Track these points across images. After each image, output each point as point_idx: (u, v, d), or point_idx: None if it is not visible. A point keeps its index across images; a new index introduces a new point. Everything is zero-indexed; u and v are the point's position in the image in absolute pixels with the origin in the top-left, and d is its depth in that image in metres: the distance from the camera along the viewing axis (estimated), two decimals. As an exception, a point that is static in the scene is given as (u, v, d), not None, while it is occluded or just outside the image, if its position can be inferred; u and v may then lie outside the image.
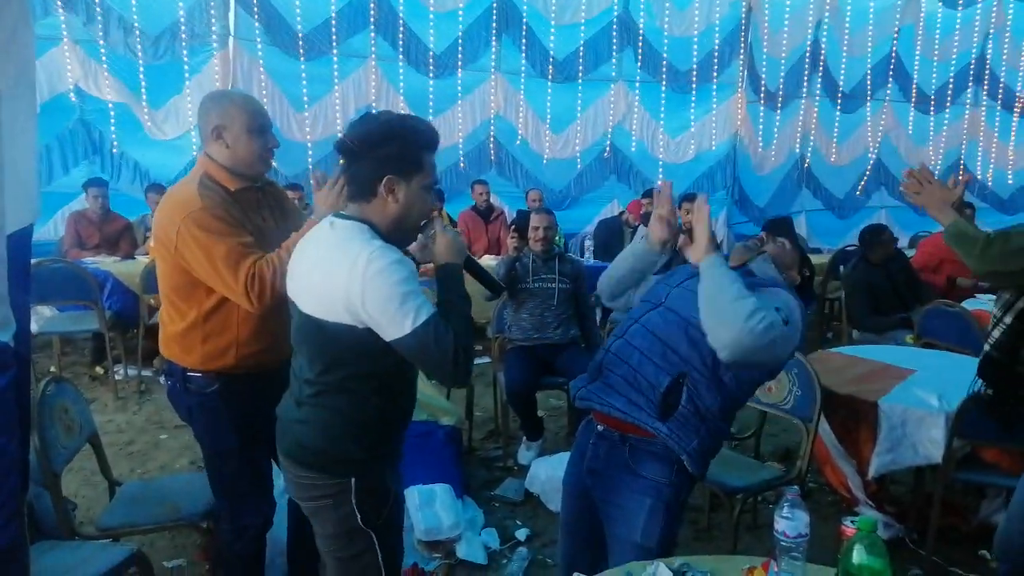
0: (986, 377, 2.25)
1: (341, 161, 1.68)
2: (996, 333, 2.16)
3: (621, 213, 7.06)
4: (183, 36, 6.48)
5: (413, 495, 3.07)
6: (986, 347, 2.20)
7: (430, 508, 3.03)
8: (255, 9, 6.63)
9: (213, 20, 6.53)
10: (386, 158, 1.59)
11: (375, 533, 1.69)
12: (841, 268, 5.77)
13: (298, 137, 6.95)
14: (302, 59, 6.87)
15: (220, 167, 2.06)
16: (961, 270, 5.15)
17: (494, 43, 7.54)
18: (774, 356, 1.71)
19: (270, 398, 2.08)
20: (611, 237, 6.71)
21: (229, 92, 2.20)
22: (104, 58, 6.32)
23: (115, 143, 6.50)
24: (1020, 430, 2.38)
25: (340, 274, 1.53)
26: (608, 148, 8.16)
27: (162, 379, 5.22)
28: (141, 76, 6.45)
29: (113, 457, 3.75)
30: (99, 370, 5.29)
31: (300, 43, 6.83)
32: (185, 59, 6.53)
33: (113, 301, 5.12)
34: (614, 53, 7.91)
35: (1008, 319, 2.12)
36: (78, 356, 5.69)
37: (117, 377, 5.06)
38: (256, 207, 2.13)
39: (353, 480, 1.65)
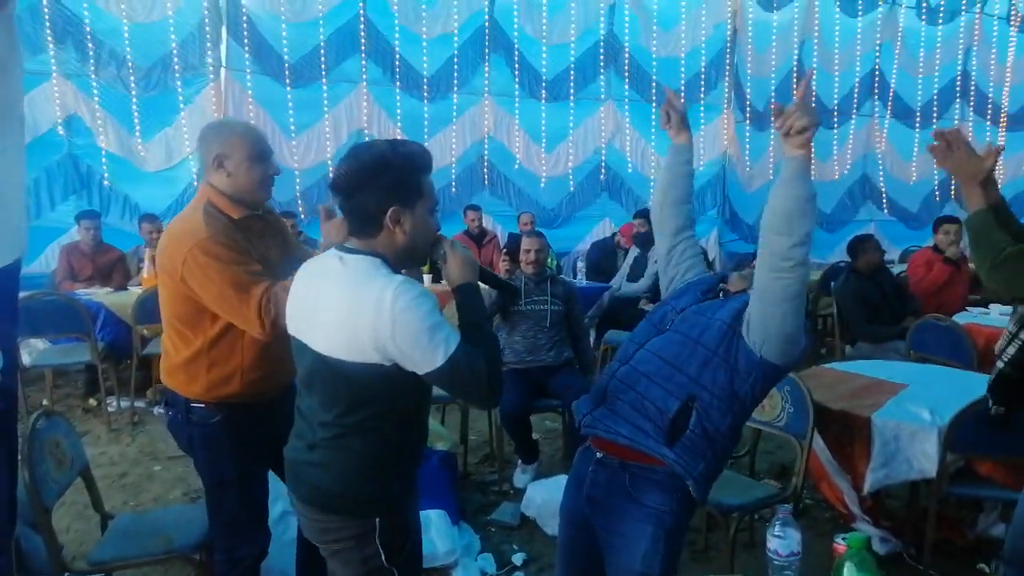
0: (998, 395, 2.14)
1: (337, 199, 1.64)
2: (1011, 350, 2.06)
3: (614, 234, 7.09)
4: (176, 68, 6.53)
5: (408, 522, 3.05)
6: (999, 364, 2.09)
7: (425, 535, 3.00)
8: (245, 38, 6.70)
9: (209, 50, 6.59)
10: (387, 189, 1.56)
11: (398, 570, 1.66)
12: (832, 284, 5.80)
13: (288, 164, 6.99)
14: (288, 87, 6.91)
15: (222, 195, 2.07)
16: (954, 288, 5.20)
17: (486, 66, 7.62)
18: (790, 330, 1.70)
19: (270, 426, 2.08)
20: (604, 259, 6.74)
21: (229, 121, 2.23)
22: (95, 92, 6.37)
23: (106, 176, 6.51)
24: (1014, 442, 2.38)
25: (365, 312, 1.49)
26: (602, 166, 8.21)
27: (156, 410, 5.21)
28: (134, 108, 6.48)
29: (106, 490, 3.74)
30: (92, 402, 5.26)
31: (287, 71, 6.88)
32: (179, 90, 6.57)
33: (106, 333, 5.10)
34: (601, 72, 7.99)
35: (1017, 330, 2.04)
36: (71, 388, 5.67)
37: (110, 409, 5.04)
38: (260, 235, 2.15)
39: (378, 520, 1.62)
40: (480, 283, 1.73)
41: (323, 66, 7.03)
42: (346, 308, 1.52)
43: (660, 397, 1.78)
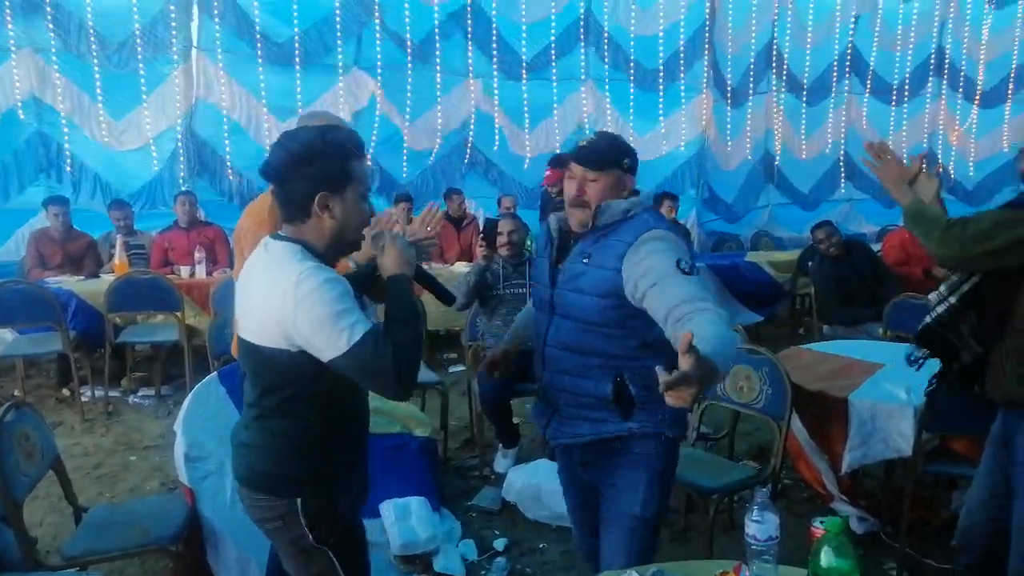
0: (921, 343, 2.28)
1: (270, 187, 1.67)
2: (940, 309, 2.19)
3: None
4: (138, 46, 6.34)
5: (388, 509, 3.04)
6: (927, 319, 2.22)
7: (405, 522, 3.00)
8: (216, 19, 6.54)
9: (174, 32, 6.43)
10: (315, 176, 1.58)
11: (332, 551, 1.70)
12: (809, 263, 5.83)
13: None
14: (260, 68, 6.76)
15: None
16: (930, 261, 5.23)
17: (470, 47, 7.52)
18: None
19: None
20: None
21: (316, 114, 2.30)
22: (56, 65, 6.15)
23: (68, 156, 6.32)
24: (983, 416, 2.40)
25: (273, 297, 1.53)
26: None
27: (131, 399, 5.15)
28: (97, 84, 6.30)
29: (81, 481, 3.70)
30: (65, 392, 5.18)
31: (259, 52, 6.72)
32: (141, 72, 6.39)
33: (78, 321, 5.00)
34: (582, 52, 7.90)
35: (953, 299, 2.15)
36: (43, 379, 5.57)
37: (84, 399, 4.95)
38: None
39: (300, 500, 1.65)
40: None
41: (297, 48, 6.86)
42: (259, 294, 1.59)
43: (591, 387, 1.89)
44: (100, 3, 6.23)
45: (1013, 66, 9.92)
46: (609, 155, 1.91)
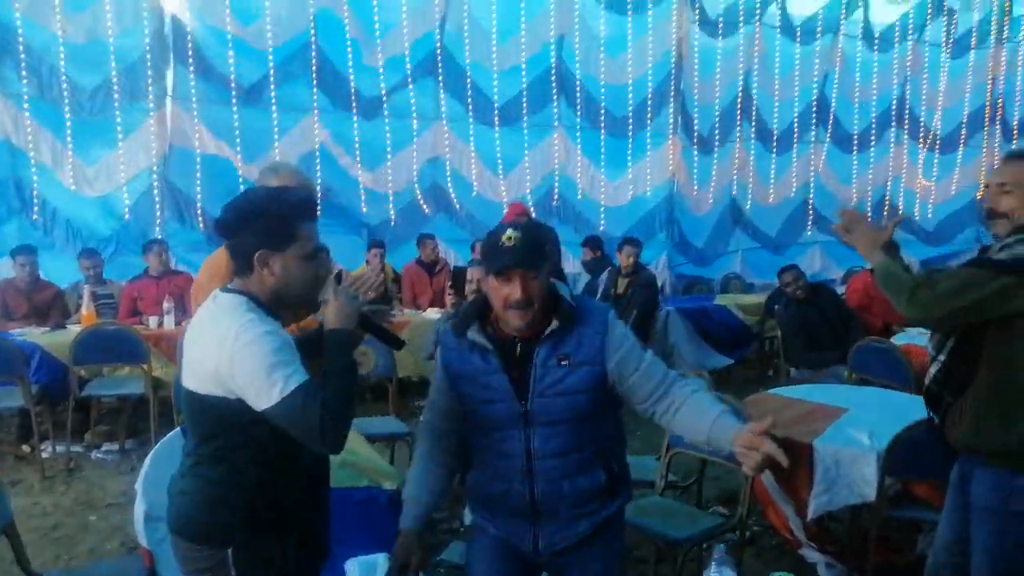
0: (933, 408, 2.28)
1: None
2: (933, 370, 2.23)
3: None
4: (116, 93, 6.36)
5: (353, 568, 2.97)
6: (927, 382, 2.26)
7: (371, 579, 2.94)
8: (191, 67, 6.59)
9: (150, 80, 6.47)
10: (256, 233, 1.65)
11: None
12: (776, 306, 5.92)
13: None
14: (236, 110, 6.81)
15: None
16: (890, 308, 5.33)
17: (441, 92, 7.63)
18: None
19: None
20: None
21: (276, 165, 2.36)
22: (27, 108, 6.16)
23: (36, 199, 6.28)
24: (948, 465, 2.44)
25: (212, 346, 1.59)
26: (554, 192, 8.26)
27: (94, 454, 5.03)
28: (68, 129, 6.29)
29: (38, 543, 3.59)
30: (25, 448, 5.03)
31: (235, 96, 6.78)
32: (118, 118, 6.41)
33: (41, 374, 4.91)
34: (554, 98, 8.06)
35: (942, 357, 2.19)
36: (3, 434, 5.43)
37: (44, 455, 4.81)
38: None
39: (230, 551, 1.65)
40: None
41: (272, 92, 6.93)
42: (201, 342, 1.65)
43: (588, 481, 1.90)
44: (73, 48, 6.25)
45: (966, 113, 10.32)
46: (543, 249, 1.86)
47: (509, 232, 1.82)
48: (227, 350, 1.55)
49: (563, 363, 1.84)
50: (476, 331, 1.89)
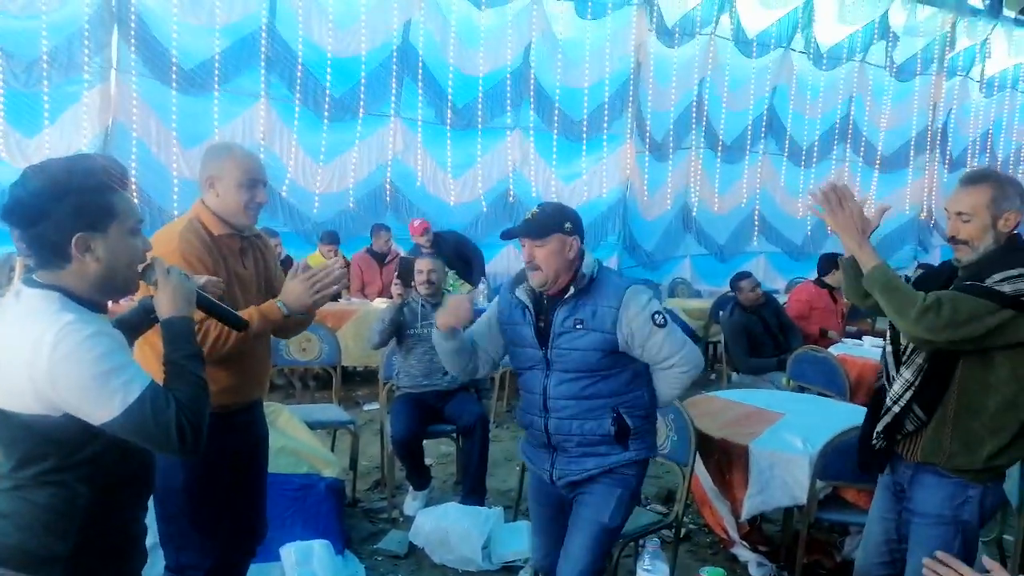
0: (889, 433, 2.16)
1: (15, 231, 1.42)
2: (897, 388, 2.12)
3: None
4: (44, 66, 6.12)
5: (290, 553, 2.94)
6: (888, 402, 2.13)
7: (307, 566, 2.91)
8: (132, 42, 6.40)
9: (86, 53, 6.24)
10: (68, 214, 1.38)
11: None
12: (720, 313, 6.04)
13: (183, 175, 6.70)
14: (174, 94, 6.65)
15: (211, 213, 2.22)
16: (828, 320, 5.51)
17: (393, 90, 7.58)
18: None
19: (232, 440, 2.17)
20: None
21: (230, 145, 2.36)
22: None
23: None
24: (875, 473, 2.51)
25: (22, 358, 1.33)
26: (511, 192, 8.28)
27: None
28: (0, 103, 6.07)
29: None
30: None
31: (174, 78, 6.62)
32: (45, 91, 6.17)
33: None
34: (508, 101, 8.07)
35: (908, 375, 2.10)
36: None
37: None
38: (237, 254, 2.26)
39: None
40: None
41: (217, 76, 6.78)
42: (8, 352, 1.36)
43: (595, 427, 2.20)
44: (8, 22, 6.02)
45: (913, 135, 10.71)
46: (551, 223, 2.19)
47: (534, 209, 2.26)
48: (43, 362, 1.31)
49: (578, 326, 2.18)
50: (523, 290, 2.28)
